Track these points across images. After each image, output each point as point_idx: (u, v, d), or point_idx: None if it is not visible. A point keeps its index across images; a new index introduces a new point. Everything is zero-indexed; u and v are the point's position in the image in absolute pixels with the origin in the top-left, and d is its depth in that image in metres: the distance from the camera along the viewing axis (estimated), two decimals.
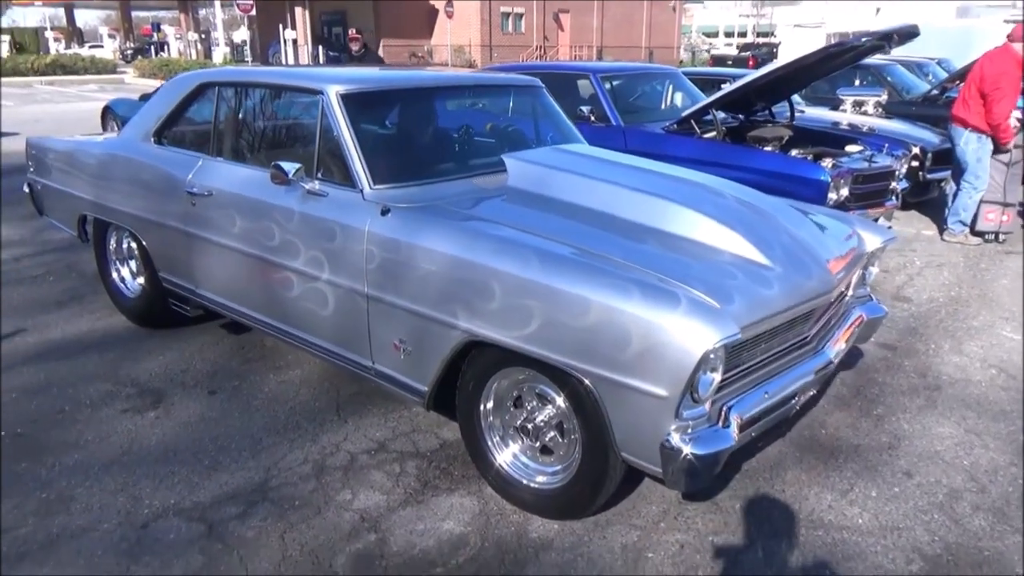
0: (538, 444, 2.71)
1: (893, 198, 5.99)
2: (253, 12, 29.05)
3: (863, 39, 5.32)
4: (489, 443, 2.79)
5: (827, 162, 5.46)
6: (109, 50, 42.32)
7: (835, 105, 9.15)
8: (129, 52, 40.80)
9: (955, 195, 6.70)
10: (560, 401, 2.55)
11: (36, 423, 3.31)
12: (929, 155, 7.10)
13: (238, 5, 25.95)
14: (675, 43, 50.56)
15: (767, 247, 2.72)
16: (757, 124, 6.42)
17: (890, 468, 3.08)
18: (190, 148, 3.89)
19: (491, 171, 3.32)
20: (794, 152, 5.79)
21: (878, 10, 36.70)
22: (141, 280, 4.33)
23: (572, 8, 42.33)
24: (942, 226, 6.88)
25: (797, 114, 7.09)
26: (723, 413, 2.37)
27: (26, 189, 5.03)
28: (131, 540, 2.56)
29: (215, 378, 3.77)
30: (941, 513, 2.79)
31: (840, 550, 2.58)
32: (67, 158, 4.57)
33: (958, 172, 6.67)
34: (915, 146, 7.03)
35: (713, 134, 5.94)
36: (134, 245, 4.28)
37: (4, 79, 25.80)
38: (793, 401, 2.67)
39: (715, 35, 64.32)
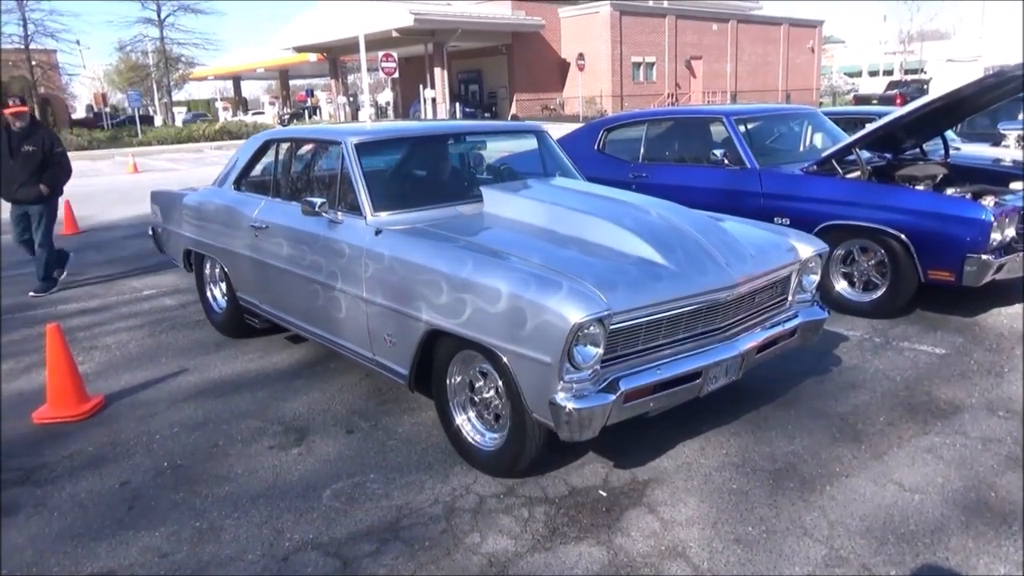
0: (491, 414, 3.27)
1: None
2: (396, 75, 30.92)
3: None
4: (452, 408, 3.41)
5: (988, 200, 5.04)
6: (269, 116, 46.10)
7: (996, 141, 8.46)
8: (286, 116, 44.24)
9: None
10: (498, 377, 3.10)
11: (193, 455, 3.56)
12: None
13: (382, 68, 27.69)
14: (814, 84, 48.97)
15: (668, 251, 3.24)
16: (906, 163, 6.04)
17: None
18: (258, 192, 4.90)
19: (477, 200, 4.02)
20: (950, 191, 5.39)
21: None
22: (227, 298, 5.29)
23: (705, 55, 42.09)
24: None
25: (952, 151, 6.62)
26: (612, 382, 2.86)
27: (150, 232, 6.25)
28: (273, 572, 2.67)
29: (353, 418, 3.92)
30: None
31: None
32: (176, 205, 5.61)
33: None
34: None
35: (857, 174, 5.64)
36: (221, 271, 5.21)
37: (178, 145, 28.65)
38: (697, 381, 3.10)
39: (858, 75, 61.71)
